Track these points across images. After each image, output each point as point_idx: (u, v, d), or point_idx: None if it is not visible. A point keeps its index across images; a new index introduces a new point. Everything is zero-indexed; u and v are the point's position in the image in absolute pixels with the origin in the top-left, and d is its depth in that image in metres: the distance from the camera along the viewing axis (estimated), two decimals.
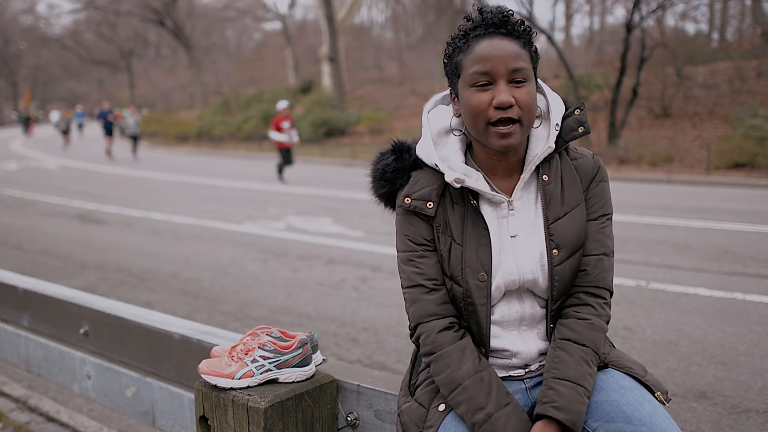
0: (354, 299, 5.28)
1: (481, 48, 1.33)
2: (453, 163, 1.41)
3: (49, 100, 66.93)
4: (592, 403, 1.33)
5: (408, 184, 1.45)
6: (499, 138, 1.33)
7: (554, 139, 1.41)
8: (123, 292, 5.58)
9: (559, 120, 1.42)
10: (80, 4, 46.62)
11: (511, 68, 1.31)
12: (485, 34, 1.34)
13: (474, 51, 1.34)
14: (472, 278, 1.38)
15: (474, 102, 1.33)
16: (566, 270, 1.40)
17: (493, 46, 1.33)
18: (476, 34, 1.35)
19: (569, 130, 1.43)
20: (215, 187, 13.97)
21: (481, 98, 1.32)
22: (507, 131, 1.32)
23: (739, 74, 18.89)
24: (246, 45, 54.77)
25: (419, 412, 1.40)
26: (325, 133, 25.46)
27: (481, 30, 1.35)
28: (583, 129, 1.43)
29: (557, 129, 1.41)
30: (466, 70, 1.34)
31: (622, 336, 4.27)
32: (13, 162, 21.20)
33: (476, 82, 1.33)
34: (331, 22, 28.53)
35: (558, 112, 1.43)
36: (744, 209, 9.58)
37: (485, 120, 1.33)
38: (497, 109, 1.31)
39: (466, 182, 1.38)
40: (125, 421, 3.25)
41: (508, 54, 1.32)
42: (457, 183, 1.38)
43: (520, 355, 1.43)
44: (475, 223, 1.40)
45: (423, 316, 1.42)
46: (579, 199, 1.43)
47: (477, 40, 1.34)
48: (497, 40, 1.33)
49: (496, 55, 1.32)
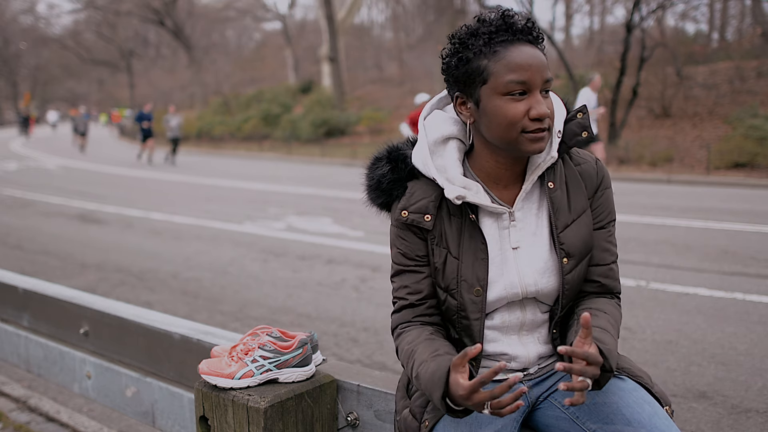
0: (354, 299, 5.28)
1: (515, 56, 1.27)
2: (451, 175, 1.37)
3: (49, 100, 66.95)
4: (591, 404, 1.32)
5: (405, 196, 1.41)
6: (533, 143, 1.30)
7: (557, 148, 1.38)
8: (123, 292, 5.57)
9: (560, 126, 1.39)
10: (80, 4, 46.63)
11: (545, 78, 1.29)
12: (513, 41, 1.29)
13: (506, 58, 1.27)
14: (467, 293, 1.37)
15: (510, 112, 1.28)
16: (575, 277, 1.39)
17: (528, 54, 1.28)
18: (501, 39, 1.29)
19: (572, 135, 1.40)
20: (215, 187, 13.97)
21: (518, 108, 1.28)
22: (542, 135, 1.30)
23: (739, 74, 18.88)
24: (246, 45, 54.78)
25: (413, 425, 1.39)
26: (325, 133, 25.47)
27: (507, 35, 1.29)
28: (587, 134, 1.40)
29: (559, 136, 1.38)
30: (498, 77, 1.28)
31: (623, 336, 4.27)
32: (13, 162, 21.20)
33: (511, 91, 1.27)
34: (331, 22, 28.54)
35: (560, 118, 1.40)
36: (744, 209, 9.58)
37: (520, 129, 1.29)
38: (534, 120, 1.28)
39: (467, 197, 1.34)
40: (125, 421, 3.25)
41: (543, 64, 1.29)
42: (458, 200, 1.34)
43: (519, 359, 1.42)
44: (472, 236, 1.38)
45: (403, 324, 1.44)
46: (585, 206, 1.41)
47: (505, 46, 1.28)
48: (527, 48, 1.29)
49: (534, 64, 1.27)
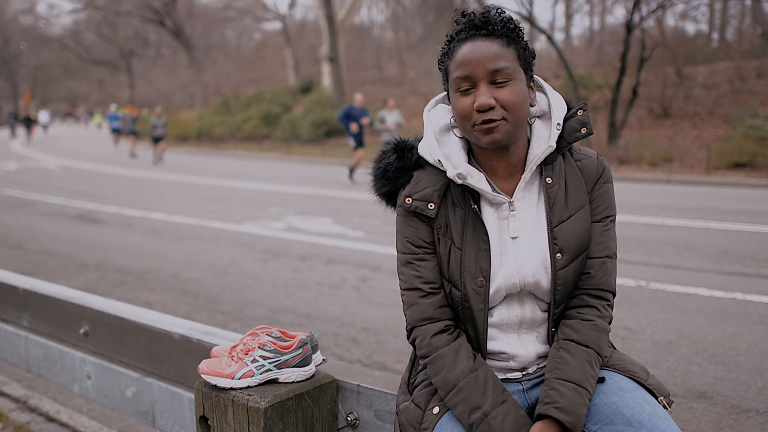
0: (354, 299, 5.28)
1: (462, 52, 1.34)
2: (456, 162, 1.40)
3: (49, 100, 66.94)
4: (591, 405, 1.32)
5: (410, 184, 1.44)
6: (483, 134, 1.33)
7: (555, 139, 1.39)
8: (123, 292, 5.57)
9: (560, 119, 1.41)
10: (80, 4, 46.66)
11: (491, 69, 1.31)
12: (467, 37, 1.35)
13: (456, 56, 1.35)
14: (470, 283, 1.37)
15: (459, 106, 1.35)
16: (569, 274, 1.38)
17: (473, 48, 1.33)
18: (459, 38, 1.36)
19: (572, 131, 1.42)
20: (215, 187, 13.97)
21: (465, 102, 1.34)
22: (490, 126, 1.32)
23: (739, 74, 18.88)
24: (246, 45, 54.75)
25: (416, 413, 1.40)
26: (325, 133, 25.48)
27: (464, 33, 1.35)
28: (586, 130, 1.42)
29: (559, 128, 1.40)
30: (451, 75, 1.36)
31: (623, 336, 4.27)
32: (13, 162, 21.20)
33: (459, 87, 1.34)
34: (331, 22, 28.54)
35: (559, 112, 1.41)
36: (744, 209, 9.58)
37: (471, 123, 1.34)
38: (479, 112, 1.32)
39: (468, 180, 1.37)
40: (125, 421, 3.25)
41: (486, 56, 1.32)
42: (460, 179, 1.37)
43: (518, 358, 1.42)
44: (475, 227, 1.39)
45: (419, 320, 1.42)
46: (583, 202, 1.41)
47: (459, 44, 1.36)
48: (479, 42, 1.33)
49: (474, 58, 1.32)
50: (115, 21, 45.69)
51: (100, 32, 49.70)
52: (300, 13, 55.73)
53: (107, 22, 46.96)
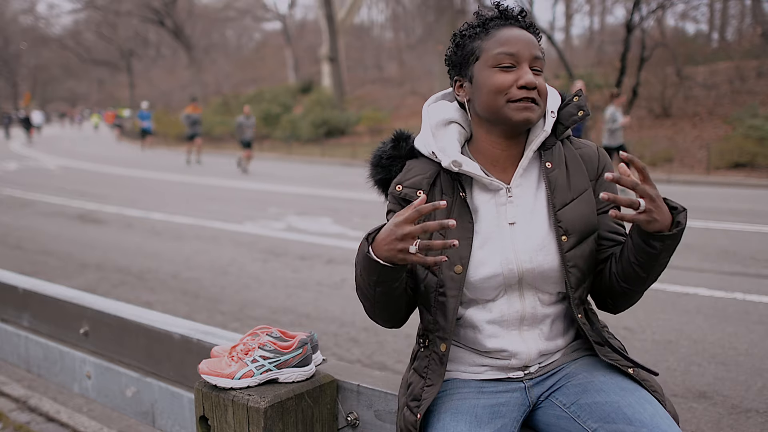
0: (354, 299, 5.27)
1: (506, 33, 1.39)
2: (450, 152, 1.42)
3: (50, 100, 66.97)
4: (592, 403, 1.32)
5: (402, 172, 1.48)
6: (520, 111, 1.35)
7: (551, 126, 1.43)
8: (123, 292, 5.57)
9: (555, 108, 1.44)
10: (80, 4, 46.69)
11: (534, 55, 1.38)
12: (505, 24, 1.40)
13: (497, 36, 1.39)
14: (447, 269, 1.37)
15: (498, 80, 1.36)
16: (579, 256, 1.38)
17: (519, 33, 1.39)
18: (495, 24, 1.41)
19: (569, 115, 1.46)
20: (215, 186, 13.98)
21: (506, 77, 1.36)
22: (529, 105, 1.36)
23: (739, 74, 18.88)
24: (246, 45, 54.78)
25: (411, 419, 1.39)
26: (325, 133, 25.48)
27: (500, 21, 1.41)
28: (583, 113, 1.46)
29: (553, 116, 1.44)
30: (489, 51, 1.38)
31: (623, 336, 4.27)
32: (13, 162, 21.20)
33: (500, 63, 1.36)
34: (331, 22, 28.55)
35: (554, 102, 1.45)
36: (744, 209, 9.59)
37: (507, 98, 1.36)
38: (522, 89, 1.35)
39: (463, 167, 1.39)
40: (125, 421, 3.25)
41: (531, 42, 1.39)
42: (455, 166, 1.39)
43: (519, 356, 1.40)
44: (461, 214, 1.39)
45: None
46: (585, 185, 1.43)
47: (498, 28, 1.40)
48: (517, 29, 1.40)
49: (522, 40, 1.38)
50: (115, 21, 45.72)
51: (100, 32, 49.72)
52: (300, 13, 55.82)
53: (107, 22, 46.99)
